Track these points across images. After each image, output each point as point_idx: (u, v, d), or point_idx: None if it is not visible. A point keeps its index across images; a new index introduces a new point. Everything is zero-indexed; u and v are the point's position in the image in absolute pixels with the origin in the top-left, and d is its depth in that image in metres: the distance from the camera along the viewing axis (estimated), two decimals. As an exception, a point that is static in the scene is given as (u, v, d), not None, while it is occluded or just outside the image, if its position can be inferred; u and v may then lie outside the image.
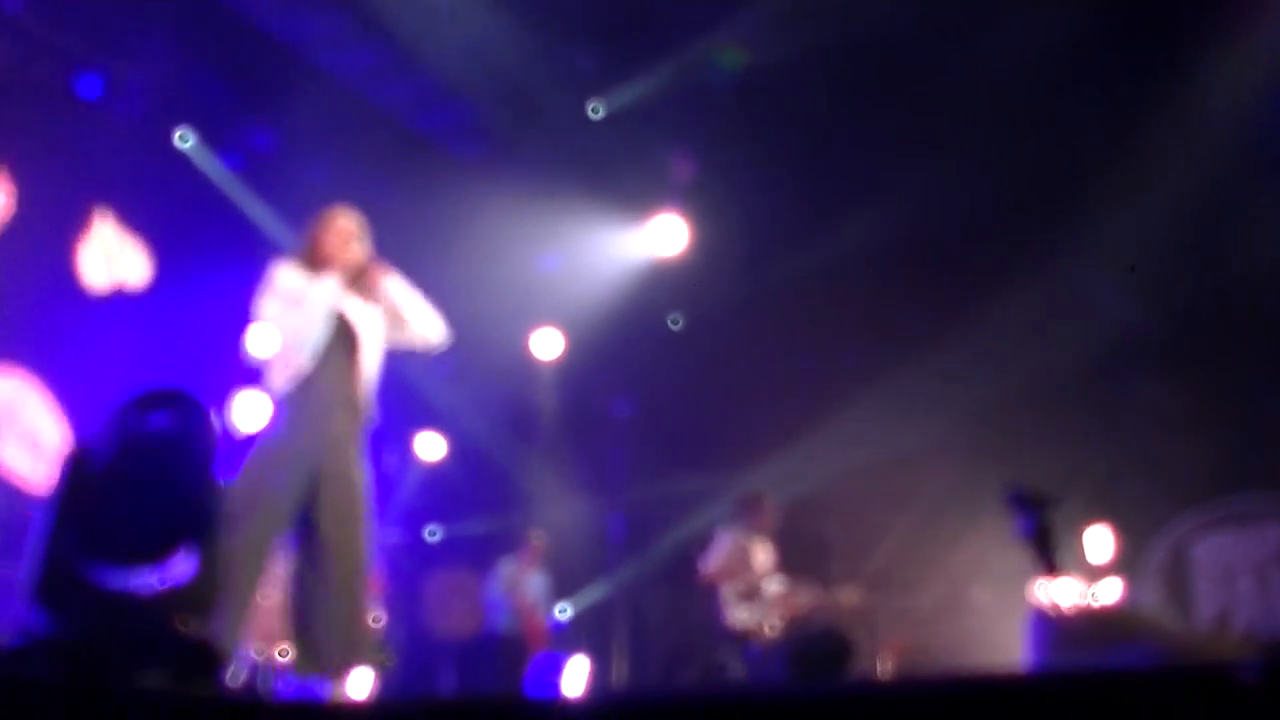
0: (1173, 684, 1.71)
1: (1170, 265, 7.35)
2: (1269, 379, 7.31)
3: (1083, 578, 4.17)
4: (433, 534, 9.79)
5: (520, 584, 8.28)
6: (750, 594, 6.63)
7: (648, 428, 9.66)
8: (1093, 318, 7.75)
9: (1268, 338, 7.19)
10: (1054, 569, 4.03)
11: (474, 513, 9.68)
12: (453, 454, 9.66)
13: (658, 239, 8.91)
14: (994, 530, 7.98)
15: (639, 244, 9.03)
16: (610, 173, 8.49)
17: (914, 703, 1.89)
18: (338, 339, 4.23)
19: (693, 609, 9.38)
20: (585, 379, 9.80)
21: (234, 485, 3.90)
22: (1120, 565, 6.70)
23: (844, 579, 7.52)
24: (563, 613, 9.33)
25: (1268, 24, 6.71)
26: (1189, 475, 7.41)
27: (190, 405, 3.85)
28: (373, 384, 4.34)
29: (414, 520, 9.65)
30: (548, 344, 9.46)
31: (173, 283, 7.32)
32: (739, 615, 6.60)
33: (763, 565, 6.81)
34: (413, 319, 4.40)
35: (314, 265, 4.29)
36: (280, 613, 5.01)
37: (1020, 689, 1.90)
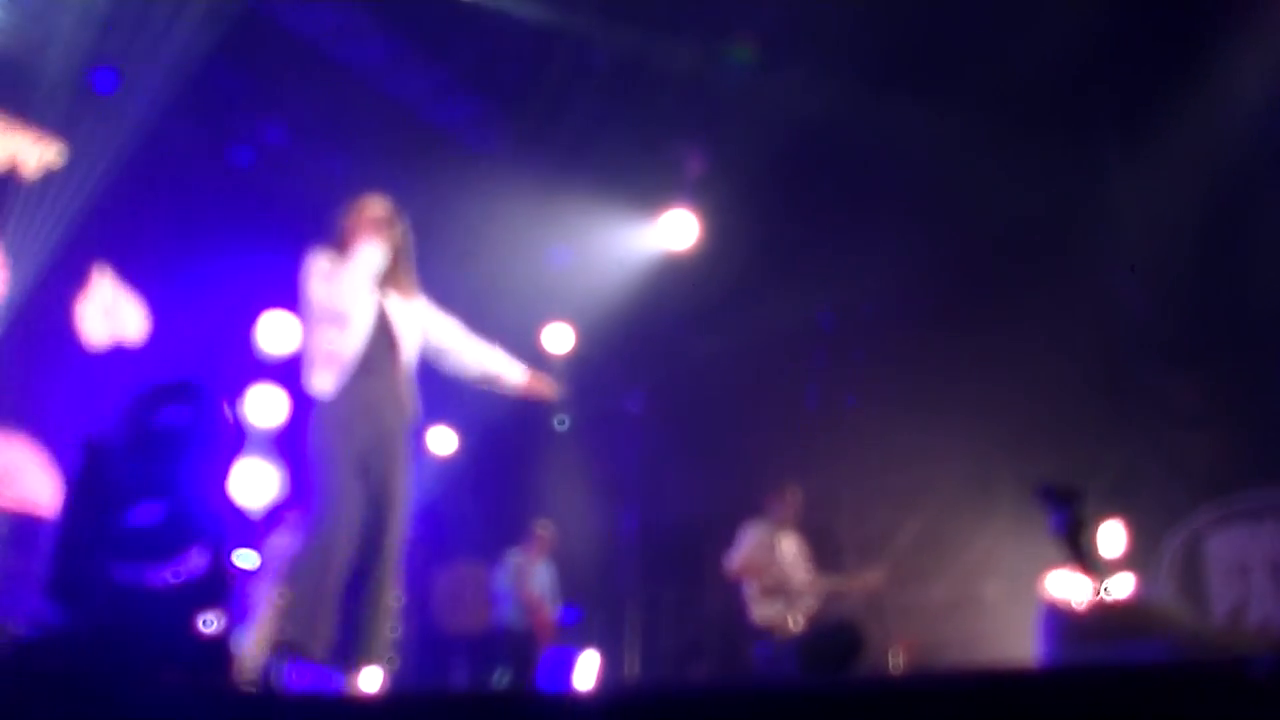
0: (1186, 679, 1.71)
1: (1186, 260, 7.31)
2: (1284, 374, 7.27)
3: (1096, 572, 4.14)
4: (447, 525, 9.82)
5: (527, 576, 8.26)
6: (776, 588, 6.61)
7: (659, 423, 9.66)
8: (1107, 313, 7.71)
9: (1283, 333, 7.16)
10: (1086, 564, 4.01)
11: (485, 507, 9.69)
12: (464, 448, 9.67)
13: (669, 234, 8.92)
14: (1006, 526, 7.99)
15: (650, 239, 9.03)
16: (622, 168, 8.48)
17: (925, 698, 1.89)
18: (380, 337, 4.15)
19: (706, 602, 9.40)
20: (597, 374, 9.80)
21: (301, 497, 3.91)
22: (1134, 560, 6.68)
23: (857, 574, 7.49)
24: (573, 608, 9.35)
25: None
26: (1203, 470, 7.38)
27: (202, 398, 3.87)
28: (413, 381, 4.28)
29: (425, 514, 9.67)
30: (559, 339, 9.47)
31: (184, 277, 7.35)
32: (763, 611, 6.58)
33: (789, 557, 6.79)
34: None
35: (347, 253, 4.22)
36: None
37: (1032, 684, 1.90)
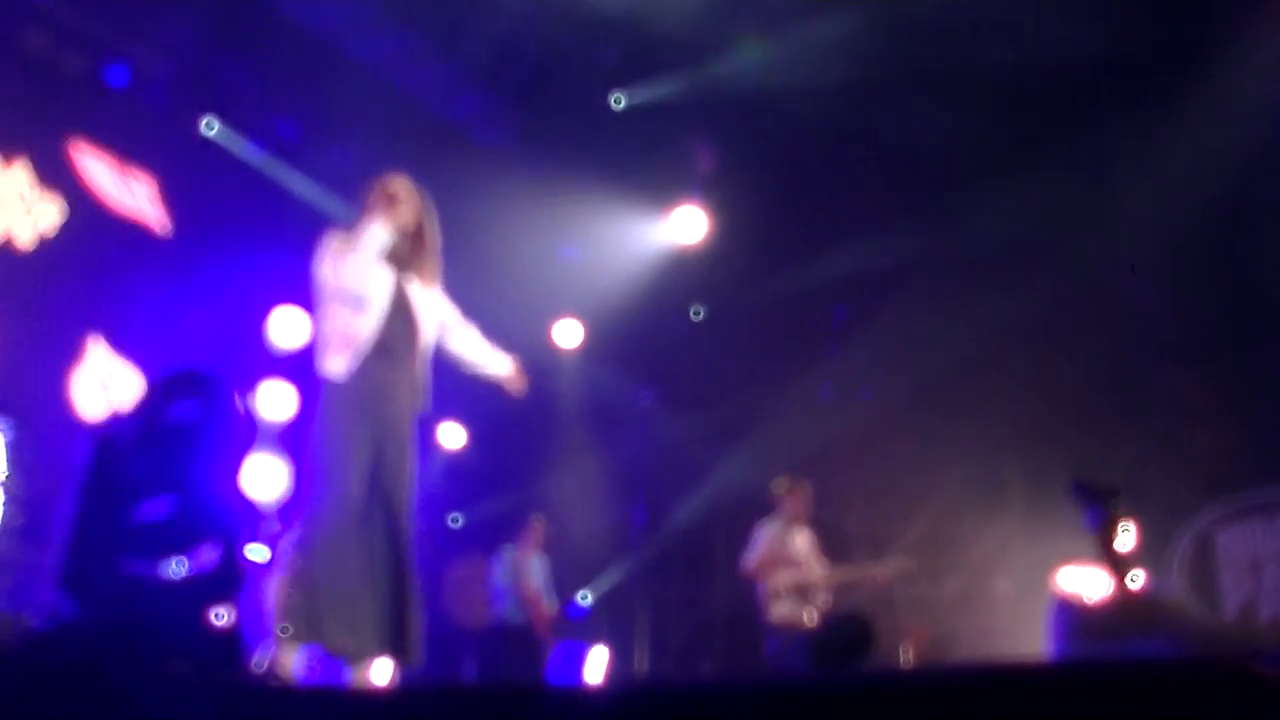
0: (1197, 675, 1.70)
1: (1195, 258, 7.29)
2: (1294, 369, 7.25)
3: (1126, 569, 4.14)
4: (455, 521, 9.83)
5: (523, 571, 8.19)
6: (793, 587, 6.60)
7: (669, 417, 9.66)
8: (1117, 311, 7.69)
9: (1293, 329, 7.14)
10: (1117, 561, 4.00)
11: (494, 501, 9.70)
12: (473, 443, 9.69)
13: (679, 229, 8.91)
14: (1017, 521, 7.98)
15: (660, 234, 9.03)
16: (632, 163, 8.48)
17: (935, 693, 1.89)
18: (396, 318, 4.06)
19: (715, 597, 9.41)
20: (607, 369, 9.81)
21: (309, 482, 3.85)
22: (1144, 556, 6.66)
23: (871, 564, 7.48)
24: (584, 599, 9.35)
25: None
26: (1212, 467, 7.37)
27: (214, 391, 3.88)
28: (429, 368, 4.20)
29: (436, 507, 9.69)
30: (569, 334, 9.48)
31: (196, 270, 7.37)
32: (780, 610, 6.57)
33: (802, 553, 6.79)
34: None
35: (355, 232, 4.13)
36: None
37: (1043, 680, 1.90)
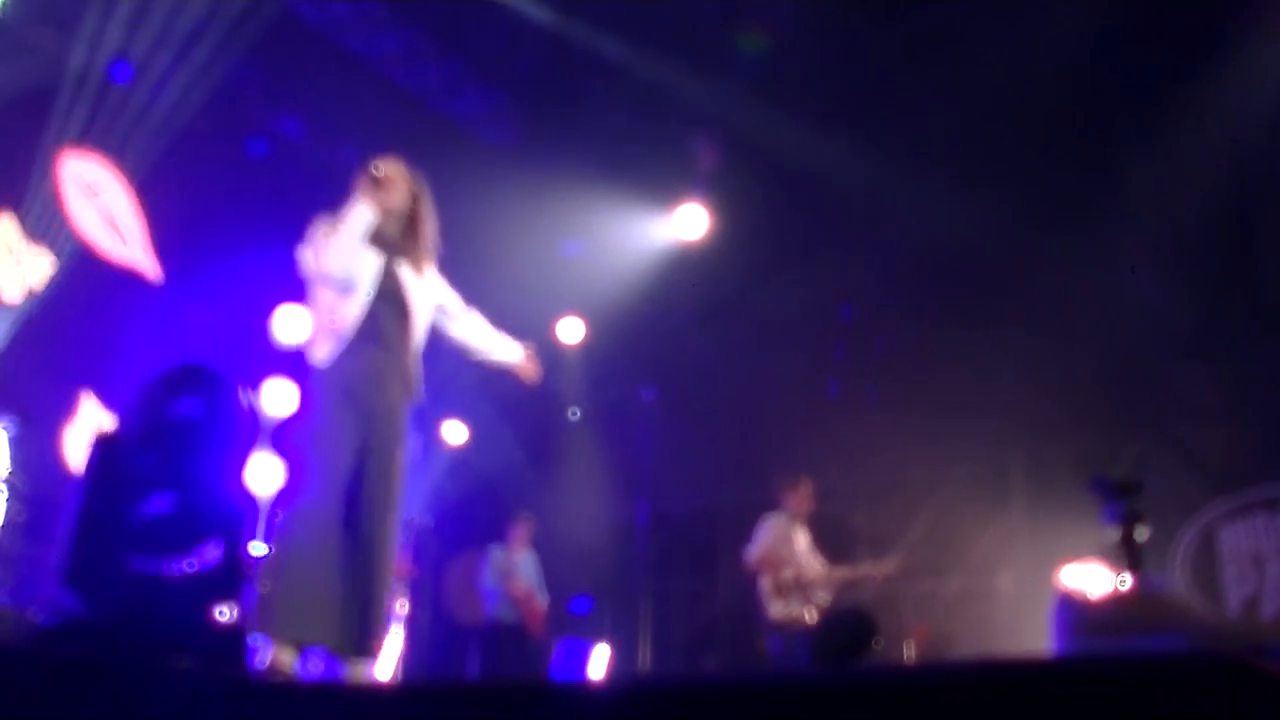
0: (1200, 671, 1.70)
1: (1203, 254, 7.28)
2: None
3: (1141, 566, 4.14)
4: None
5: (512, 569, 8.17)
6: (793, 584, 6.60)
7: (672, 414, 9.66)
8: (1124, 306, 7.68)
9: (1299, 325, 7.13)
10: (1134, 557, 4.00)
11: (496, 498, 9.70)
12: (475, 440, 9.70)
13: (681, 226, 8.91)
14: (1020, 517, 7.98)
15: (663, 231, 9.03)
16: (634, 160, 8.47)
17: (938, 689, 1.89)
18: (388, 306, 3.97)
19: (718, 594, 9.41)
20: (609, 366, 9.81)
21: (292, 471, 3.81)
22: (1148, 552, 6.65)
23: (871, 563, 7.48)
24: (586, 598, 9.37)
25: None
26: (1217, 463, 7.36)
27: (218, 387, 3.88)
28: (420, 357, 4.11)
29: (438, 505, 9.71)
30: (572, 331, 9.48)
31: (199, 268, 7.39)
32: (779, 608, 6.56)
33: (804, 549, 6.79)
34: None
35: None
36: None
37: (1046, 676, 1.90)
